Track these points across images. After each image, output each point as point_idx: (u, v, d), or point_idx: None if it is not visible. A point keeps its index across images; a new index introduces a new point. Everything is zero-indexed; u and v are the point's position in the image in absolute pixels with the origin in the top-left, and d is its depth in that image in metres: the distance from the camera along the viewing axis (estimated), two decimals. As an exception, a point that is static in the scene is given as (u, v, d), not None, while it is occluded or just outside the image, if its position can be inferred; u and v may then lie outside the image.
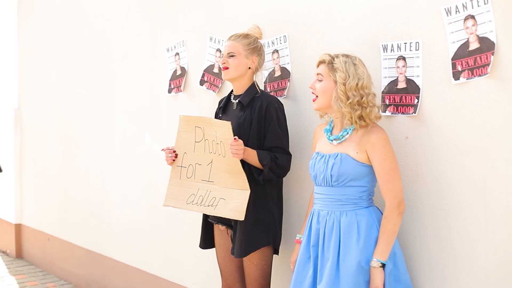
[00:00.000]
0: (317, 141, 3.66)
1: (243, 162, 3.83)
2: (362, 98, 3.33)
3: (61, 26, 6.99)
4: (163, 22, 5.33)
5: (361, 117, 3.35)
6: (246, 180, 3.82)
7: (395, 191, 3.30)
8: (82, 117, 6.54)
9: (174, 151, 4.12)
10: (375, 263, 3.25)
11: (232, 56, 3.97)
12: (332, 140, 3.48)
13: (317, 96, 3.47)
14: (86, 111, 6.47)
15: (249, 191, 3.82)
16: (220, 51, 4.66)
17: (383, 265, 3.25)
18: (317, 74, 3.47)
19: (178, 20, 5.17)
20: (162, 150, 4.19)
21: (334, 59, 3.41)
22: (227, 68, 3.99)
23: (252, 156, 3.82)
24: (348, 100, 3.34)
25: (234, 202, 3.86)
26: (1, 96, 8.39)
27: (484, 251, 3.19)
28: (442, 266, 3.38)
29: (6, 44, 8.18)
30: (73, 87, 6.70)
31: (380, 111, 3.49)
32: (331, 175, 3.39)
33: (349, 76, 3.34)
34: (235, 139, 3.73)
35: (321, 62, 3.47)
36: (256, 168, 3.86)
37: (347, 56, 3.42)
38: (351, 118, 3.36)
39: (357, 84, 3.33)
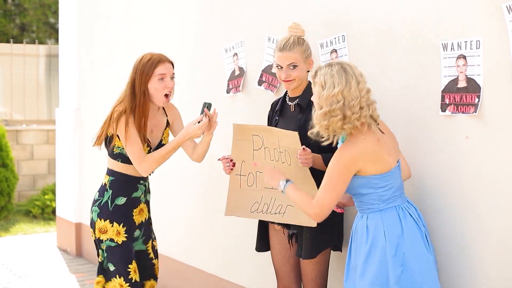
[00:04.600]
0: None
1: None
2: (331, 107, 3.30)
3: (118, 27, 7.09)
4: (221, 22, 5.36)
5: (328, 128, 3.35)
6: (316, 187, 3.77)
7: (321, 200, 3.35)
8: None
9: (231, 160, 4.08)
10: (282, 183, 3.53)
11: (295, 67, 3.93)
12: None
13: None
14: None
15: None
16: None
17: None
18: None
19: (236, 20, 5.20)
20: (218, 160, 4.14)
21: (317, 73, 3.42)
22: (289, 80, 3.95)
23: (318, 161, 3.82)
24: (320, 109, 3.35)
25: None
26: (62, 97, 8.54)
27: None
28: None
29: (67, 45, 8.33)
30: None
31: (355, 115, 3.31)
32: None
33: (324, 88, 3.33)
34: (304, 149, 3.72)
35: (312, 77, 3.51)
36: (321, 172, 3.84)
37: (330, 65, 3.39)
38: (316, 124, 3.40)
39: (330, 94, 3.30)
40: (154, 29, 6.34)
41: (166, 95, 4.18)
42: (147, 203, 4.40)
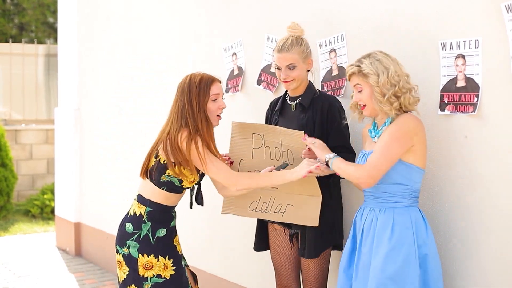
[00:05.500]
0: (365, 142, 3.70)
1: None
2: (396, 87, 3.36)
3: (118, 27, 7.09)
4: (221, 22, 5.37)
5: (400, 109, 3.40)
6: (318, 187, 3.78)
7: (374, 162, 3.33)
8: (141, 117, 6.61)
9: (229, 158, 4.05)
10: (330, 155, 3.50)
11: (294, 67, 3.91)
12: (374, 137, 3.52)
13: (364, 104, 3.50)
14: (144, 110, 6.54)
15: (321, 197, 3.79)
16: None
17: (327, 163, 3.51)
18: (354, 85, 3.51)
19: (235, 19, 5.20)
20: None
21: (360, 66, 3.44)
22: (289, 80, 3.93)
23: None
24: (384, 97, 3.38)
25: (305, 208, 3.83)
26: (61, 96, 8.54)
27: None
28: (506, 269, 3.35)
29: (66, 45, 8.33)
30: (131, 88, 6.78)
31: (415, 92, 3.45)
32: None
33: (379, 75, 3.38)
34: (309, 149, 3.72)
35: (352, 74, 3.50)
36: None
37: (368, 56, 3.46)
38: (391, 111, 3.40)
39: (387, 77, 3.36)
40: (154, 29, 6.35)
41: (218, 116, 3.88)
42: None
